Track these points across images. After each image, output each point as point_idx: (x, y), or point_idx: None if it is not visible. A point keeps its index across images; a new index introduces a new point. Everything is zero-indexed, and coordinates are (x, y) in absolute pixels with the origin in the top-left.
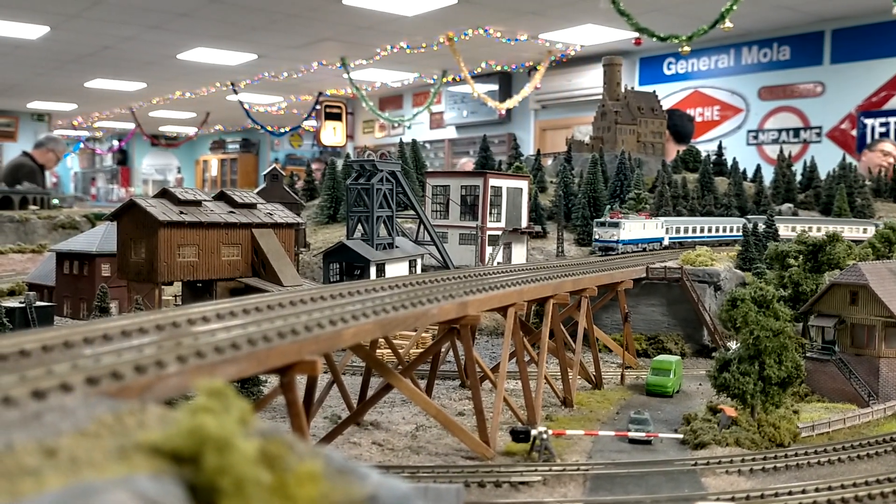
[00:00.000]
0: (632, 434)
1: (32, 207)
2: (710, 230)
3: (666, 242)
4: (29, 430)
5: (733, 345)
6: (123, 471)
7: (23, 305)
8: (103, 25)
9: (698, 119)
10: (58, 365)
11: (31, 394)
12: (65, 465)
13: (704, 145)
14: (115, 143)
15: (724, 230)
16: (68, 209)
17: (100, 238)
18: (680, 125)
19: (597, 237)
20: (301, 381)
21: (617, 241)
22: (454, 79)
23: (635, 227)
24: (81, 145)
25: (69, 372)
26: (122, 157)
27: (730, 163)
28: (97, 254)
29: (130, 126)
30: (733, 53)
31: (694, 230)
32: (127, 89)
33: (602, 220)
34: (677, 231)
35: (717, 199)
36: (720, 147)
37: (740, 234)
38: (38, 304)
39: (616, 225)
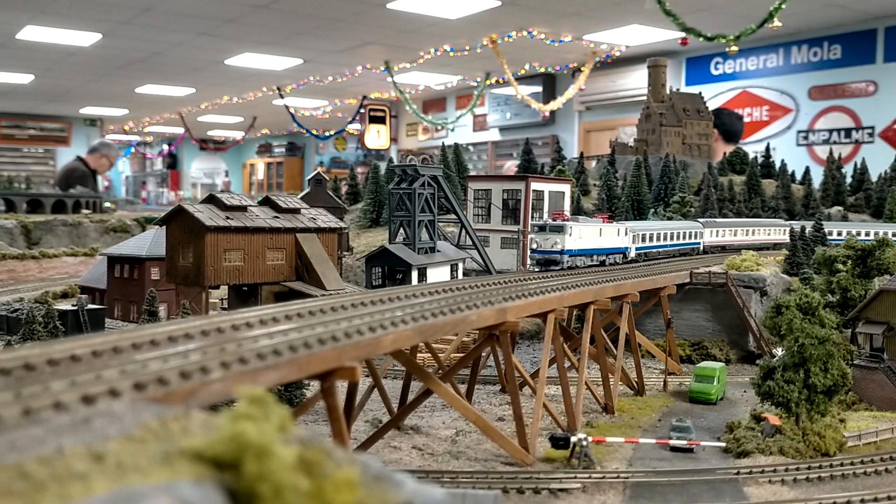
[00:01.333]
0: (673, 442)
1: (85, 211)
2: (679, 237)
3: (632, 254)
4: (78, 434)
5: (779, 351)
6: (167, 476)
7: (75, 308)
8: (153, 32)
9: (746, 119)
10: (107, 370)
11: (81, 399)
12: (111, 469)
13: (753, 146)
14: (165, 147)
15: (685, 237)
16: (120, 213)
17: (149, 242)
18: (729, 124)
19: (534, 246)
20: (342, 385)
21: (561, 252)
22: (497, 81)
23: (588, 234)
24: (132, 150)
25: (117, 377)
26: (172, 162)
27: (779, 164)
28: (147, 258)
29: (180, 131)
30: (782, 52)
31: (666, 238)
32: (176, 94)
33: (541, 222)
34: (645, 240)
35: (765, 202)
36: (768, 148)
37: (697, 241)
38: (90, 306)
39: (559, 230)
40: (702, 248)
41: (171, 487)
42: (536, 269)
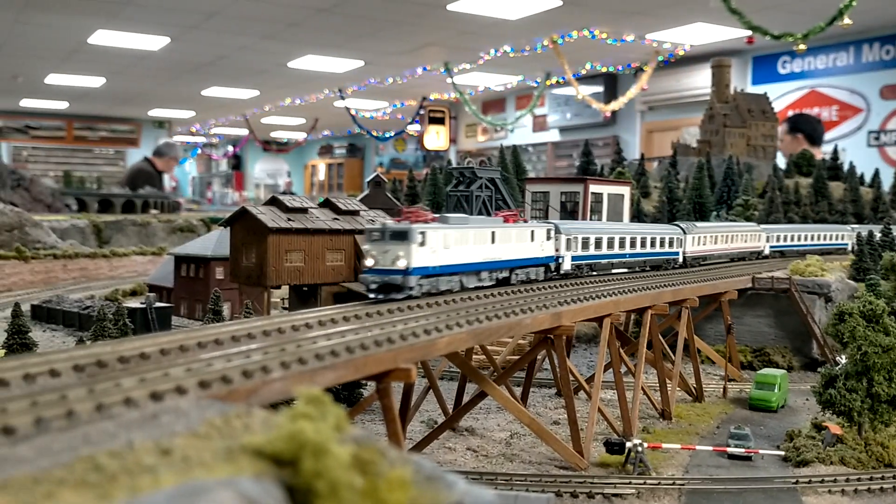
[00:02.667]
0: (731, 449)
1: (153, 211)
2: (647, 245)
3: (565, 265)
4: (147, 429)
5: (843, 359)
6: (229, 472)
7: (143, 306)
8: (219, 36)
9: None
10: (174, 368)
11: (150, 395)
12: (178, 464)
13: (822, 147)
14: (230, 148)
15: (656, 244)
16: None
17: (214, 242)
18: (810, 129)
19: (369, 263)
20: (399, 386)
21: (405, 272)
22: (557, 81)
23: (463, 241)
24: (199, 151)
25: (184, 375)
26: (236, 163)
27: (848, 166)
28: (212, 257)
29: (244, 132)
30: (852, 51)
31: (623, 245)
32: (241, 97)
33: (378, 226)
34: (588, 246)
35: (832, 206)
36: (835, 150)
37: (675, 251)
38: (158, 304)
39: (402, 237)
40: (681, 259)
41: (233, 482)
42: (371, 298)
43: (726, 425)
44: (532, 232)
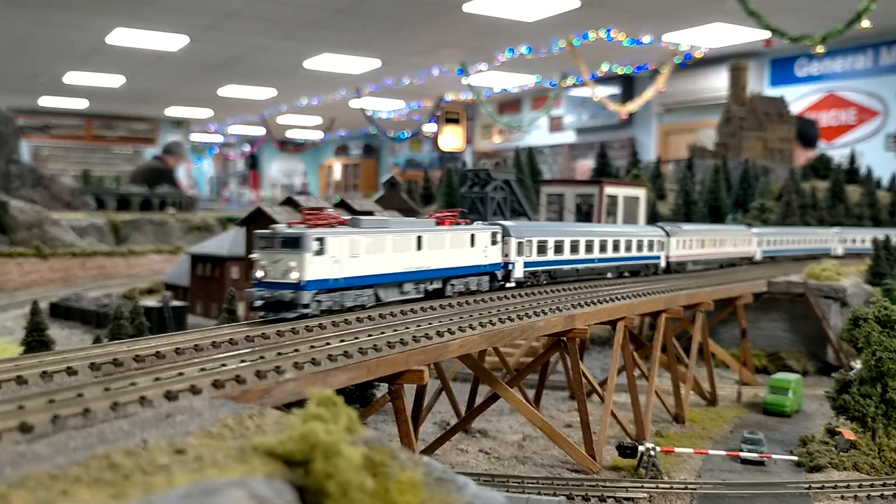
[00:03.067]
0: (744, 454)
1: (170, 210)
2: (620, 249)
3: (516, 273)
4: (161, 429)
5: (857, 364)
6: (242, 472)
7: (160, 305)
8: (237, 36)
9: (833, 123)
10: (188, 368)
11: (164, 395)
12: (191, 463)
13: (840, 150)
14: (247, 147)
15: (632, 248)
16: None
17: (230, 242)
18: (804, 130)
19: (259, 275)
20: (411, 387)
21: (297, 286)
22: (574, 83)
23: (376, 248)
24: (216, 150)
25: (198, 375)
26: (253, 162)
27: (867, 169)
28: (227, 257)
29: (261, 132)
30: (871, 54)
31: (591, 249)
32: (258, 97)
33: (268, 231)
34: (545, 251)
35: (849, 210)
36: (852, 154)
37: (656, 255)
38: (174, 303)
39: (295, 243)
40: (664, 264)
41: (245, 482)
42: (260, 317)
43: (740, 430)
44: (472, 236)
